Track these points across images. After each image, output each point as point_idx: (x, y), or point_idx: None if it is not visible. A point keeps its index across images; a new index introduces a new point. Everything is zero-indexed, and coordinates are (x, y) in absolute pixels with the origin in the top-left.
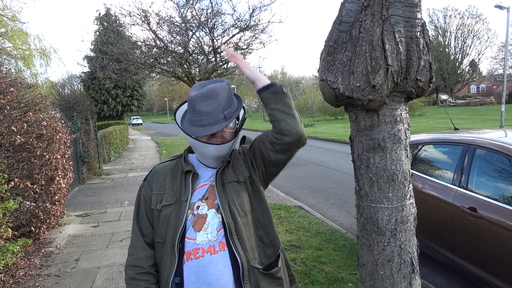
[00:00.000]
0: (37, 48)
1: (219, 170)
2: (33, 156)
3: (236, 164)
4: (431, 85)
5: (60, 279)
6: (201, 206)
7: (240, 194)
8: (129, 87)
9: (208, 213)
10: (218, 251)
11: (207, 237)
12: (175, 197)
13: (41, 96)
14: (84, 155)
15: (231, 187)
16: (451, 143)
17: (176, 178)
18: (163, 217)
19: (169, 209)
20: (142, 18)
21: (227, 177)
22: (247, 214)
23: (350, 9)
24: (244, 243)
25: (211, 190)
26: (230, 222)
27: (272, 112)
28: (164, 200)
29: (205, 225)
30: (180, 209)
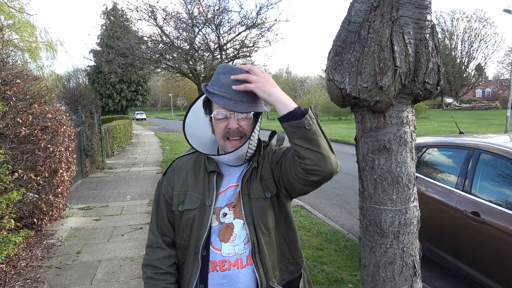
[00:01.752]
0: (44, 40)
1: (244, 176)
2: (37, 148)
3: (265, 175)
4: (438, 87)
5: (61, 271)
6: (228, 214)
7: (265, 212)
8: (134, 82)
9: (235, 223)
10: (246, 265)
11: (234, 250)
12: (199, 200)
13: (46, 88)
14: (88, 148)
15: (257, 203)
16: (455, 147)
17: (199, 177)
18: (185, 220)
19: (192, 213)
20: (149, 13)
21: (254, 192)
22: (270, 232)
23: (360, 9)
24: (265, 262)
25: (238, 198)
26: (254, 240)
27: (296, 148)
28: (187, 202)
29: (232, 236)
30: (204, 214)
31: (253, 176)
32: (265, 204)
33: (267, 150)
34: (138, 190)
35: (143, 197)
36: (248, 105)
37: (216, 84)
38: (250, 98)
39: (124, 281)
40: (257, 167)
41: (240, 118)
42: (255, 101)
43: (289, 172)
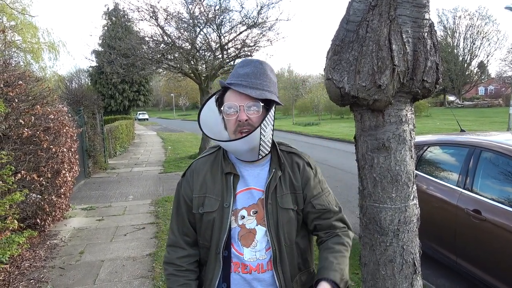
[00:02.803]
0: (46, 41)
1: (270, 184)
2: (40, 149)
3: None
4: (437, 86)
5: (64, 271)
6: (249, 219)
7: (291, 223)
8: (136, 82)
9: (257, 229)
10: (266, 270)
11: (255, 255)
12: (218, 202)
13: (48, 89)
14: (90, 149)
15: (285, 213)
16: (456, 144)
17: (216, 178)
18: (206, 222)
19: (212, 215)
20: (150, 13)
21: (284, 202)
22: (292, 243)
23: (358, 8)
24: (286, 271)
25: (260, 204)
26: (276, 249)
27: None
28: (206, 205)
29: (253, 242)
30: (223, 216)
31: (281, 185)
32: (293, 215)
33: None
34: (140, 190)
35: (145, 197)
36: (262, 92)
37: (233, 75)
38: (266, 87)
39: (127, 280)
40: (282, 175)
41: (250, 111)
42: (272, 91)
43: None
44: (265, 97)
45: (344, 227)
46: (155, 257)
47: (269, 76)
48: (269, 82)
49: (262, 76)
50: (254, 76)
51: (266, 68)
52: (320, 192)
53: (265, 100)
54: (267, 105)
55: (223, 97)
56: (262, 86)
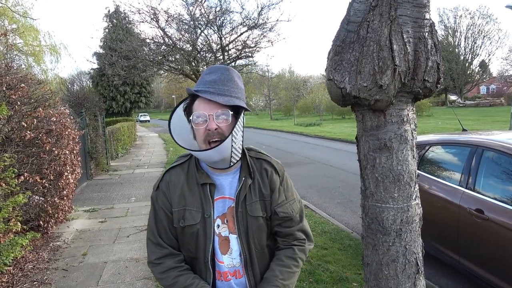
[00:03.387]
0: (47, 44)
1: (240, 193)
2: (42, 151)
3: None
4: (438, 85)
5: (67, 273)
6: (223, 227)
7: (261, 229)
8: (137, 84)
9: (230, 238)
10: (243, 275)
11: (232, 262)
12: (199, 214)
13: (50, 92)
14: (92, 151)
15: (254, 221)
16: (458, 144)
17: (193, 190)
18: (189, 234)
19: (195, 227)
20: (151, 15)
21: (253, 209)
22: (263, 248)
23: (358, 8)
24: (256, 275)
25: (230, 212)
26: (246, 254)
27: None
28: (187, 218)
29: (229, 249)
30: (206, 227)
31: (251, 193)
32: (262, 222)
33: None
34: (142, 192)
35: (147, 198)
36: (230, 98)
37: (200, 82)
38: (234, 93)
39: (130, 282)
40: (252, 183)
41: (219, 120)
42: (240, 97)
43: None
44: (233, 104)
45: (303, 240)
46: None
47: (236, 83)
48: (237, 89)
49: (229, 83)
50: (221, 82)
51: (233, 75)
52: (284, 200)
53: (233, 108)
54: (235, 112)
55: (191, 106)
56: (230, 92)
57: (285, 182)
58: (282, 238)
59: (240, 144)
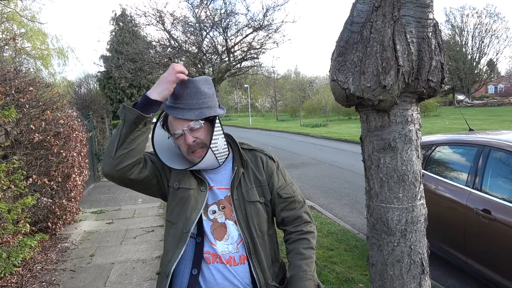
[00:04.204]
0: (55, 48)
1: (234, 181)
2: (50, 153)
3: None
4: (442, 85)
5: (75, 274)
6: (219, 213)
7: (260, 215)
8: (144, 86)
9: (226, 223)
10: (238, 263)
11: (228, 248)
12: (195, 184)
13: (58, 95)
14: (100, 153)
15: (253, 206)
16: (465, 144)
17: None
18: (179, 198)
19: (188, 192)
20: (157, 18)
21: (250, 195)
22: (264, 234)
23: (362, 9)
24: (262, 262)
25: (227, 200)
26: (248, 241)
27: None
28: (184, 182)
29: (225, 235)
30: (199, 198)
31: (245, 181)
32: (260, 207)
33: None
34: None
35: (154, 200)
36: (201, 111)
37: (170, 97)
38: (204, 104)
39: (137, 282)
40: (245, 171)
41: (193, 129)
42: (210, 105)
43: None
44: (203, 116)
45: (310, 222)
46: None
47: (203, 92)
48: (205, 98)
49: (197, 95)
50: (188, 96)
51: (199, 85)
52: (284, 183)
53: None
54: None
55: (167, 121)
56: (199, 104)
57: (281, 168)
58: (292, 224)
59: (222, 145)
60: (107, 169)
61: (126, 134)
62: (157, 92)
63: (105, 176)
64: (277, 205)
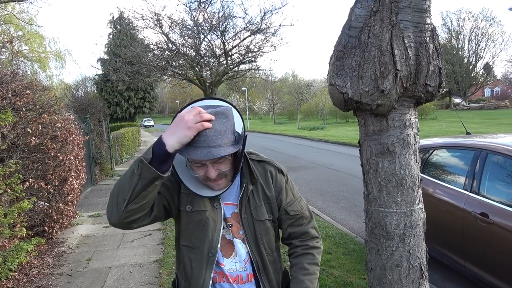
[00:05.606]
0: (53, 50)
1: (242, 199)
2: (47, 157)
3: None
4: (440, 90)
5: (72, 278)
6: (226, 230)
7: (269, 232)
8: (141, 89)
9: (234, 241)
10: (246, 282)
11: (235, 266)
12: (209, 203)
13: (55, 98)
14: (97, 156)
15: (262, 225)
16: (462, 147)
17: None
18: (196, 221)
19: (204, 214)
20: (155, 21)
21: (259, 213)
22: (273, 251)
23: (359, 14)
24: (271, 280)
25: (234, 217)
26: (257, 260)
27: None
28: (197, 203)
29: (233, 253)
30: (217, 217)
31: (254, 198)
32: (269, 225)
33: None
34: None
35: None
36: (225, 148)
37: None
38: (225, 139)
39: (134, 287)
40: (254, 188)
41: (217, 164)
42: (230, 139)
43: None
44: (211, 158)
45: (317, 238)
46: (162, 264)
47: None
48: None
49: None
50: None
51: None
52: (293, 198)
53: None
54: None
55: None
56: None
57: (290, 182)
58: (298, 238)
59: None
60: (115, 221)
61: (140, 190)
62: (177, 139)
63: (110, 224)
64: (284, 222)
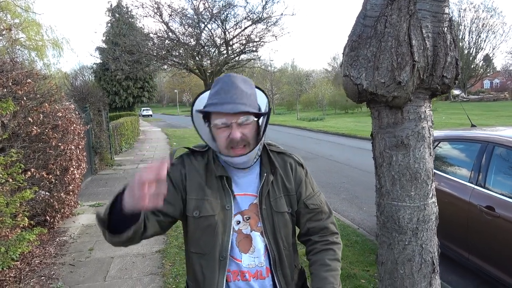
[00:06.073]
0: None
1: (263, 189)
2: (48, 146)
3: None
4: (456, 82)
5: (74, 268)
6: (244, 224)
7: (287, 226)
8: (140, 78)
9: (252, 235)
10: (265, 277)
11: (254, 262)
12: (218, 205)
13: (56, 87)
14: (97, 146)
15: (281, 217)
16: (468, 140)
17: (212, 182)
18: (204, 227)
19: (212, 219)
20: (155, 9)
21: (279, 205)
22: (290, 246)
23: (375, 3)
24: (286, 275)
25: (252, 209)
26: (275, 254)
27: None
28: (205, 208)
29: (251, 248)
30: (226, 220)
31: (274, 189)
32: (288, 218)
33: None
34: None
35: None
36: (235, 106)
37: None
38: (237, 100)
39: (137, 277)
40: (274, 178)
41: (242, 124)
42: (245, 103)
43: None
44: (237, 111)
45: (336, 233)
46: (164, 254)
47: (239, 88)
48: (241, 94)
49: (233, 90)
50: (224, 92)
51: (236, 81)
52: (312, 192)
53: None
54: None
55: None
56: (234, 100)
57: (309, 175)
58: (318, 234)
59: (262, 145)
60: (109, 243)
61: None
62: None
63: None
64: (303, 216)
